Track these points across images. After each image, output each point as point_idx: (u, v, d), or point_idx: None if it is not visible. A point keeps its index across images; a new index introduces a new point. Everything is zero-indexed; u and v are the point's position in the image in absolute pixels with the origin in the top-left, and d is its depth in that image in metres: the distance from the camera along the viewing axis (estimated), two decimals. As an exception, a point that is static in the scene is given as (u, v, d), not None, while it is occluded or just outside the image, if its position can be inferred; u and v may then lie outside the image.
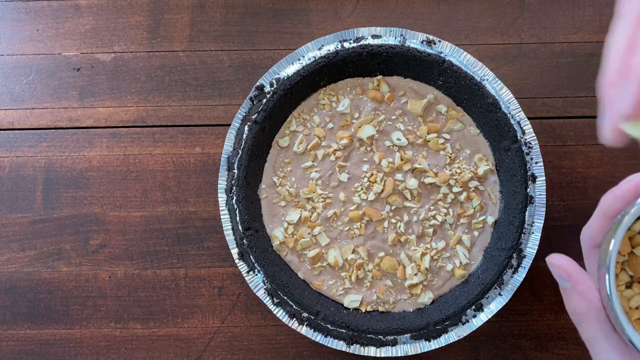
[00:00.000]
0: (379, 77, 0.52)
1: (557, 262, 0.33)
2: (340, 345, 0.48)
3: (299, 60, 0.51)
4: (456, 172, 0.51)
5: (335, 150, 0.52)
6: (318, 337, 0.49)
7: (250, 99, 0.51)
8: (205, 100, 0.56)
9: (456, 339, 0.48)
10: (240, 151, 0.50)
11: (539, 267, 0.53)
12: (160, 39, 0.57)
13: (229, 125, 0.51)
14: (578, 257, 0.55)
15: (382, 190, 0.51)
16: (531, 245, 0.49)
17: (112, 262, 0.54)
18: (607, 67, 0.30)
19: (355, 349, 0.48)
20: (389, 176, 0.52)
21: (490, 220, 0.51)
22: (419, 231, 0.51)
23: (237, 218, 0.50)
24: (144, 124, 0.56)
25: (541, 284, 0.53)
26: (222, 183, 0.51)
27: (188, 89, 0.56)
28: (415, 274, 0.50)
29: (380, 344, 0.49)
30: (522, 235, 0.49)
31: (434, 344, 0.48)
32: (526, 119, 0.50)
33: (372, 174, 0.51)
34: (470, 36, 0.56)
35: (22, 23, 0.57)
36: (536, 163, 0.49)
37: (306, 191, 0.51)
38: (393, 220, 0.51)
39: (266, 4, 0.57)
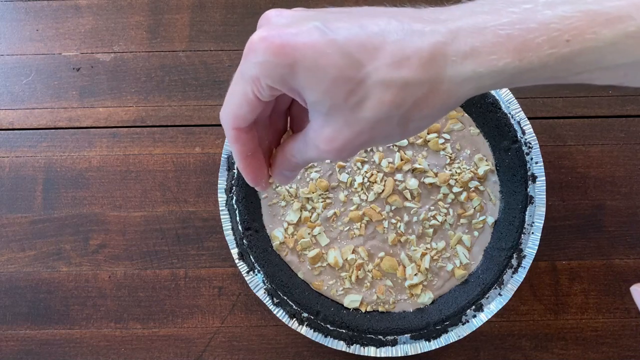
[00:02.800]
0: (379, 77, 0.52)
1: None
2: (340, 345, 0.48)
3: (299, 60, 0.51)
4: (456, 172, 0.51)
5: (335, 150, 0.52)
6: (318, 337, 0.49)
7: (250, 99, 0.51)
8: (205, 100, 0.56)
9: (456, 339, 0.48)
10: (240, 151, 0.50)
11: (539, 267, 0.53)
12: (160, 39, 0.57)
13: (229, 125, 0.51)
14: (578, 256, 0.55)
15: (382, 191, 0.51)
16: (531, 245, 0.49)
17: (112, 262, 0.54)
18: None
19: (355, 349, 0.48)
20: (389, 176, 0.51)
21: (490, 220, 0.51)
22: (419, 231, 0.51)
23: (237, 218, 0.50)
24: (144, 124, 0.56)
25: (541, 284, 0.53)
26: (222, 183, 0.51)
27: (188, 89, 0.56)
28: (415, 274, 0.50)
29: (380, 344, 0.49)
30: (522, 235, 0.49)
31: (434, 344, 0.48)
32: (526, 119, 0.50)
33: (372, 174, 0.51)
34: (470, 36, 0.56)
35: (22, 23, 0.57)
36: (536, 163, 0.49)
37: (306, 191, 0.51)
38: (393, 221, 0.51)
39: (266, 4, 0.57)
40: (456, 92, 0.25)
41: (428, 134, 0.52)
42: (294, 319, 0.49)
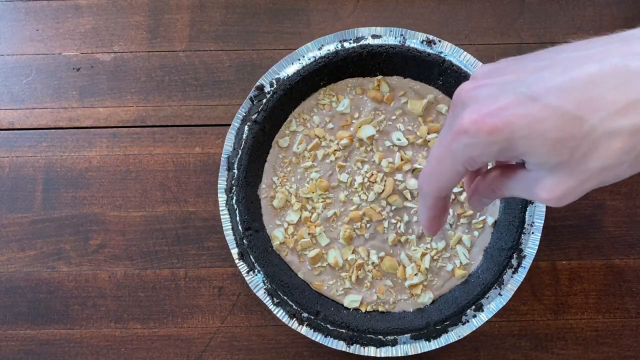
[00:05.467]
0: (379, 77, 0.52)
1: None
2: (340, 345, 0.48)
3: (299, 60, 0.51)
4: (456, 172, 0.51)
5: (335, 150, 0.52)
6: (318, 337, 0.49)
7: (250, 99, 0.51)
8: (205, 100, 0.56)
9: (456, 339, 0.48)
10: (240, 151, 0.50)
11: (539, 267, 0.53)
12: (160, 39, 0.57)
13: (229, 125, 0.51)
14: (578, 256, 0.55)
15: (383, 191, 0.51)
16: (531, 245, 0.49)
17: (112, 262, 0.54)
18: None
19: (355, 349, 0.48)
20: (389, 176, 0.51)
21: (490, 220, 0.51)
22: (419, 231, 0.51)
23: (237, 218, 0.50)
24: (144, 124, 0.56)
25: (541, 284, 0.53)
26: (222, 183, 0.51)
27: (188, 89, 0.56)
28: (416, 274, 0.50)
29: (380, 344, 0.49)
30: (522, 235, 0.49)
31: (434, 344, 0.48)
32: (526, 119, 0.50)
33: (372, 174, 0.51)
34: (470, 36, 0.56)
35: (22, 23, 0.57)
36: (536, 163, 0.49)
37: (306, 191, 0.51)
38: (393, 221, 0.51)
39: (266, 4, 0.57)
40: None
41: (428, 134, 0.52)
42: (294, 319, 0.49)
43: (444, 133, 0.28)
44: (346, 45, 0.51)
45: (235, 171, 0.50)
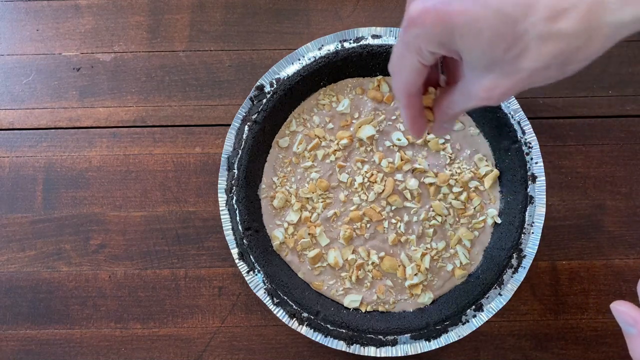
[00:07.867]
0: (379, 77, 0.52)
1: (623, 309, 0.34)
2: (340, 345, 0.48)
3: (299, 60, 0.51)
4: (456, 172, 0.51)
5: (335, 150, 0.52)
6: (318, 337, 0.49)
7: (250, 99, 0.51)
8: (205, 100, 0.56)
9: (456, 339, 0.48)
10: (240, 151, 0.50)
11: (538, 267, 0.53)
12: (160, 39, 0.57)
13: (229, 125, 0.51)
14: (578, 256, 0.55)
15: (383, 191, 0.51)
16: (531, 245, 0.49)
17: (112, 262, 0.54)
18: None
19: (355, 349, 0.48)
20: (389, 176, 0.51)
21: (490, 220, 0.51)
22: (419, 231, 0.51)
23: (237, 218, 0.50)
24: (144, 124, 0.56)
25: (541, 284, 0.53)
26: (222, 183, 0.51)
27: (188, 89, 0.56)
28: (416, 274, 0.50)
29: (380, 344, 0.49)
30: (522, 235, 0.49)
31: (434, 344, 0.48)
32: (526, 119, 0.50)
33: (372, 174, 0.51)
34: (470, 36, 0.56)
35: (22, 23, 0.57)
36: (536, 163, 0.49)
37: (306, 191, 0.51)
38: (393, 221, 0.51)
39: (266, 4, 0.57)
40: (614, 35, 0.25)
41: (428, 133, 0.52)
42: (294, 319, 0.49)
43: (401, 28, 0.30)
44: (346, 45, 0.51)
45: (235, 171, 0.50)
